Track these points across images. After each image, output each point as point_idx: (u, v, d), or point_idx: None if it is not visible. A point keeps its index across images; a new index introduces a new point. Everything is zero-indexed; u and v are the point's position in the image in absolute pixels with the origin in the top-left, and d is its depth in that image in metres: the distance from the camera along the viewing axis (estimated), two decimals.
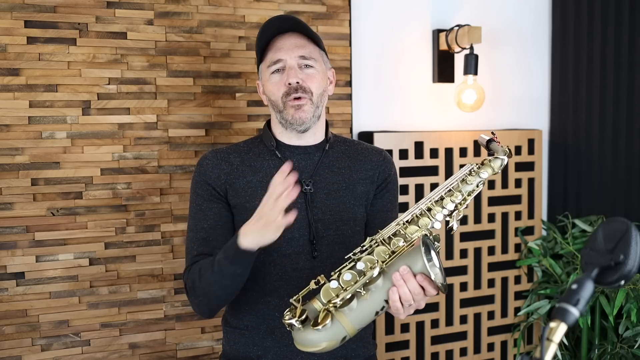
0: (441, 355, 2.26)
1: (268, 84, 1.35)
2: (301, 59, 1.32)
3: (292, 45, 1.32)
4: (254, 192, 1.33)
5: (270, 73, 1.34)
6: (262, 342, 1.34)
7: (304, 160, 1.37)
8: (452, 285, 2.25)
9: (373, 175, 1.42)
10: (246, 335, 1.36)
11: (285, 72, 1.32)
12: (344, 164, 1.41)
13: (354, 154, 1.43)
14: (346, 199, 1.38)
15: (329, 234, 1.35)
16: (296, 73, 1.31)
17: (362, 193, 1.40)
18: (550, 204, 2.45)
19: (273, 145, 1.37)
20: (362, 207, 1.40)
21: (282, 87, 1.32)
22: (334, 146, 1.42)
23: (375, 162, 1.44)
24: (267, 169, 1.36)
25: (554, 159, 2.44)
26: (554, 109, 2.43)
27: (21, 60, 1.72)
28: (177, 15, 1.87)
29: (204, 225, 1.34)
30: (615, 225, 0.84)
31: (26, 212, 1.75)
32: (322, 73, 1.37)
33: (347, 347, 1.36)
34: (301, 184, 1.33)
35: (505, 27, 2.35)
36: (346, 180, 1.39)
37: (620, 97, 2.40)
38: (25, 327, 1.76)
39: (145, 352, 1.88)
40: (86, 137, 1.79)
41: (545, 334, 0.76)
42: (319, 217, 1.34)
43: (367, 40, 2.16)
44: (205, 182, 1.35)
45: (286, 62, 1.32)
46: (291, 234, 1.31)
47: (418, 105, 2.24)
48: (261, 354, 1.34)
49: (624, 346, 2.11)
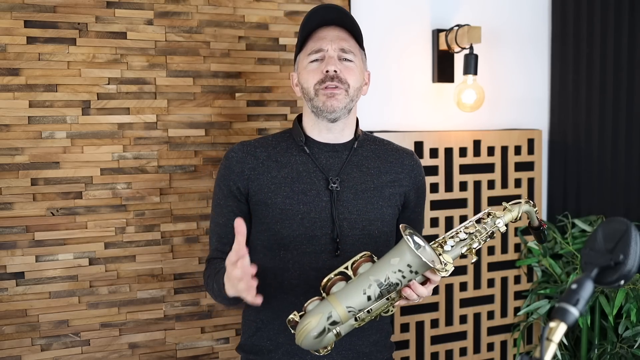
0: (441, 355, 2.26)
1: (304, 72, 1.33)
2: (342, 51, 1.31)
3: (334, 37, 1.31)
4: (277, 189, 1.32)
5: (309, 62, 1.32)
6: (276, 338, 1.35)
7: (332, 158, 1.36)
8: (452, 285, 2.25)
9: (403, 179, 1.41)
10: (262, 328, 1.38)
11: (324, 62, 1.30)
12: (373, 164, 1.39)
13: (384, 155, 1.42)
14: (374, 200, 1.36)
15: (354, 233, 1.33)
16: (335, 62, 1.30)
17: (391, 195, 1.38)
18: (550, 203, 2.45)
19: (302, 140, 1.35)
20: (390, 208, 1.38)
21: (318, 74, 1.30)
22: (364, 145, 1.41)
23: (407, 165, 1.43)
24: (294, 164, 1.35)
25: (553, 159, 2.44)
26: (553, 108, 2.43)
27: (21, 60, 1.72)
28: (177, 15, 1.87)
29: (219, 221, 1.38)
30: (615, 225, 0.84)
31: (26, 212, 1.75)
32: (360, 69, 1.36)
33: (358, 351, 1.35)
34: (327, 182, 1.33)
35: (505, 27, 2.35)
36: (375, 182, 1.37)
37: (620, 97, 2.40)
38: (25, 327, 1.76)
39: (145, 352, 1.88)
40: (86, 137, 1.79)
41: (545, 334, 0.76)
42: (345, 215, 1.32)
43: (367, 40, 2.13)
44: (229, 177, 1.36)
45: (327, 52, 1.31)
46: (312, 232, 1.31)
47: (418, 105, 2.25)
48: (273, 349, 1.35)
49: (624, 346, 2.11)
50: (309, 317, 1.10)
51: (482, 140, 2.26)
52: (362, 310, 1.12)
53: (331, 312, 1.09)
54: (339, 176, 1.34)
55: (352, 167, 1.37)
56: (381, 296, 1.11)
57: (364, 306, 1.11)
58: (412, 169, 1.43)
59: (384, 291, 1.11)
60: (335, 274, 1.15)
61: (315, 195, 1.32)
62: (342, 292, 1.11)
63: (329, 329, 1.10)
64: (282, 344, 1.35)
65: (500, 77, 2.36)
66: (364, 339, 1.37)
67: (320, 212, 1.31)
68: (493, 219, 1.25)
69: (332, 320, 1.09)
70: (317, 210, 1.31)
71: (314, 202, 1.32)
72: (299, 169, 1.34)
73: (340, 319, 1.10)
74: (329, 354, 1.31)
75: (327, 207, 1.31)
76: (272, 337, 1.36)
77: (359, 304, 1.10)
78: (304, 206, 1.31)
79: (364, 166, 1.38)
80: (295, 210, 1.31)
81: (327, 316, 1.09)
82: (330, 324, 1.10)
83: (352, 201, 1.34)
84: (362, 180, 1.36)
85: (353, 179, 1.35)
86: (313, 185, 1.33)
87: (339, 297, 1.10)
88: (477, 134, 2.25)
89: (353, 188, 1.35)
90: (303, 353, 1.33)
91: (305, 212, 1.31)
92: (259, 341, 1.38)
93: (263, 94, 1.97)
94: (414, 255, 1.09)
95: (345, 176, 1.35)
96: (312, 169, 1.34)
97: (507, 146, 2.30)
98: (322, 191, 1.32)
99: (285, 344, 1.35)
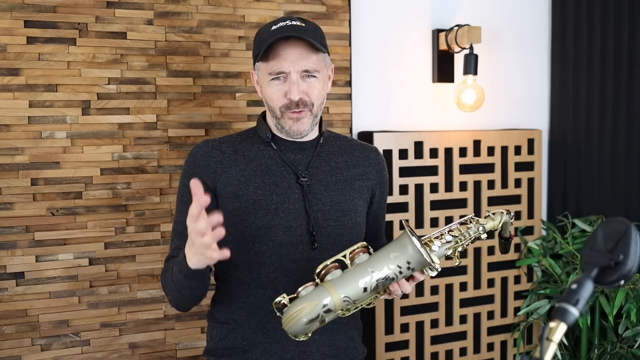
0: (441, 355, 2.26)
1: (266, 87, 1.32)
2: (305, 72, 1.28)
3: (296, 57, 1.27)
4: (247, 181, 1.31)
5: (271, 79, 1.30)
6: (252, 337, 1.31)
7: (299, 154, 1.36)
8: (452, 285, 2.25)
9: (370, 173, 1.42)
10: (235, 330, 1.33)
11: (287, 83, 1.28)
12: (341, 158, 1.40)
13: (350, 150, 1.43)
14: (345, 191, 1.37)
15: (329, 224, 1.32)
16: (299, 87, 1.27)
17: (360, 188, 1.40)
18: (550, 203, 2.45)
19: (269, 136, 1.35)
20: (361, 200, 1.39)
21: (282, 98, 1.29)
22: (329, 141, 1.42)
23: (373, 159, 1.45)
24: (262, 158, 1.34)
25: (553, 158, 2.44)
26: (553, 108, 2.43)
27: (21, 60, 1.72)
28: (177, 15, 1.87)
29: (182, 219, 1.28)
30: (615, 225, 0.84)
31: (26, 212, 1.75)
32: (324, 81, 1.34)
33: (337, 347, 1.34)
34: (297, 176, 1.32)
35: (505, 27, 2.35)
36: (344, 174, 1.38)
37: (619, 97, 2.40)
38: (25, 327, 1.76)
39: (145, 352, 1.88)
40: (86, 137, 1.79)
41: (545, 334, 0.76)
42: (318, 207, 1.32)
43: (367, 40, 2.16)
44: (194, 172, 1.31)
45: (290, 75, 1.27)
46: (287, 223, 1.29)
47: (418, 105, 2.25)
48: (249, 349, 1.31)
49: (624, 346, 2.11)
50: (303, 303, 1.07)
51: (482, 140, 2.26)
52: (356, 301, 1.10)
53: (327, 300, 1.07)
54: (307, 170, 1.34)
55: (320, 162, 1.37)
56: (376, 289, 1.10)
57: (359, 297, 1.09)
58: (377, 164, 1.45)
59: (379, 284, 1.10)
60: (332, 262, 1.13)
61: (287, 187, 1.31)
62: (339, 280, 1.09)
63: (322, 316, 1.07)
64: (259, 343, 1.30)
65: (500, 77, 2.36)
66: (342, 334, 1.36)
67: (294, 203, 1.30)
68: (476, 225, 1.26)
69: (327, 308, 1.07)
70: (290, 201, 1.30)
71: (286, 193, 1.31)
72: (268, 163, 1.33)
73: (335, 307, 1.08)
74: (309, 350, 1.31)
75: (300, 199, 1.31)
76: (248, 337, 1.31)
77: (354, 294, 1.08)
78: (277, 197, 1.30)
79: (332, 160, 1.39)
80: (269, 201, 1.29)
81: (323, 303, 1.06)
82: (324, 311, 1.07)
83: (324, 193, 1.34)
84: (331, 174, 1.37)
85: (322, 173, 1.36)
86: (284, 178, 1.32)
87: (335, 284, 1.08)
88: (477, 134, 2.25)
89: (323, 181, 1.35)
90: (284, 351, 1.30)
91: (279, 203, 1.29)
92: (232, 343, 1.33)
93: None
94: (416, 252, 1.08)
95: (314, 170, 1.35)
96: (280, 164, 1.33)
97: (507, 146, 2.30)
98: (293, 184, 1.32)
99: (264, 342, 1.30)
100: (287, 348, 1.29)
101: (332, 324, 1.31)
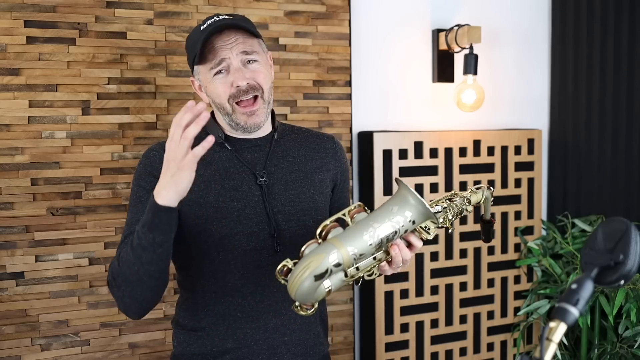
0: (441, 355, 2.26)
1: (211, 86, 1.26)
2: (244, 54, 1.25)
3: (232, 43, 1.24)
4: (207, 187, 1.27)
5: (213, 75, 1.25)
6: (223, 344, 1.28)
7: (255, 152, 1.32)
8: (452, 285, 2.25)
9: (329, 164, 1.39)
10: (203, 336, 1.29)
11: (230, 73, 1.24)
12: (298, 152, 1.37)
13: (306, 142, 1.39)
14: (305, 189, 1.33)
15: (290, 225, 1.29)
16: (243, 73, 1.23)
17: (320, 181, 1.37)
18: (550, 203, 2.45)
19: (222, 137, 1.30)
20: (322, 196, 1.36)
21: (228, 88, 1.24)
22: (284, 135, 1.38)
23: (330, 149, 1.41)
24: (219, 161, 1.30)
25: (553, 158, 2.44)
26: (553, 108, 2.43)
27: (21, 60, 1.72)
28: (177, 15, 1.87)
29: (138, 217, 1.22)
30: (615, 225, 0.84)
31: (26, 211, 1.74)
32: (266, 64, 1.29)
33: (305, 346, 1.33)
34: (255, 177, 1.29)
35: (504, 27, 2.35)
36: (302, 170, 1.35)
37: (620, 97, 2.40)
38: (25, 327, 1.76)
39: (145, 352, 1.88)
40: (86, 137, 1.79)
41: (544, 334, 0.76)
42: (278, 209, 1.29)
43: (367, 40, 2.16)
44: (151, 173, 1.25)
45: (230, 61, 1.23)
46: (250, 229, 1.26)
47: (418, 105, 2.25)
48: (218, 355, 1.28)
49: (624, 346, 2.11)
50: (309, 258, 1.03)
51: (482, 140, 2.26)
52: (362, 255, 1.07)
53: (334, 252, 1.04)
54: (265, 169, 1.31)
55: (278, 159, 1.33)
56: (380, 245, 1.09)
57: (364, 250, 1.07)
58: (335, 152, 1.41)
59: (383, 239, 1.09)
60: (332, 221, 1.10)
61: (247, 191, 1.28)
62: (344, 234, 1.07)
63: (331, 270, 1.04)
64: (230, 349, 1.27)
65: (500, 77, 2.36)
66: (309, 333, 1.34)
67: (255, 207, 1.27)
68: (462, 199, 1.26)
69: (336, 262, 1.04)
70: (251, 206, 1.27)
71: (246, 197, 1.27)
72: (225, 165, 1.29)
73: (343, 260, 1.05)
74: (279, 352, 1.28)
75: (260, 202, 1.28)
76: (217, 344, 1.28)
77: (360, 248, 1.06)
78: (238, 203, 1.27)
79: (289, 156, 1.35)
80: (230, 208, 1.25)
81: (331, 256, 1.03)
82: (334, 265, 1.04)
83: (283, 193, 1.30)
84: (290, 170, 1.33)
85: (281, 170, 1.32)
86: (243, 180, 1.29)
87: (340, 239, 1.06)
88: (477, 134, 2.25)
89: (282, 179, 1.32)
90: (253, 355, 1.27)
91: (240, 209, 1.26)
92: (199, 349, 1.29)
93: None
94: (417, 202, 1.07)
95: (272, 168, 1.32)
96: (238, 165, 1.30)
97: (507, 146, 2.30)
98: (252, 186, 1.28)
99: (234, 348, 1.27)
100: (258, 352, 1.27)
101: (301, 324, 1.31)
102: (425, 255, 2.20)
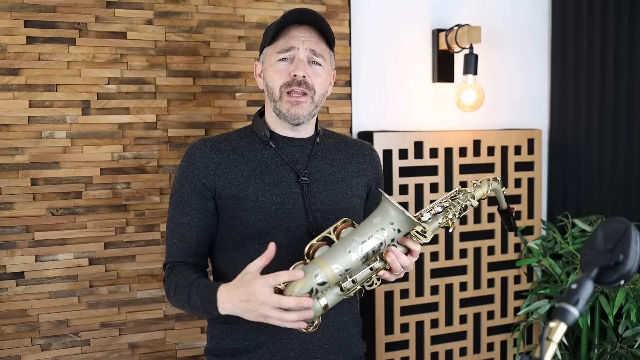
0: (441, 355, 2.26)
1: (271, 69, 1.32)
2: (312, 53, 1.30)
3: (306, 37, 1.30)
4: (247, 181, 1.30)
5: (277, 60, 1.31)
6: (255, 337, 1.30)
7: (297, 152, 1.36)
8: (452, 285, 2.25)
9: (365, 169, 1.43)
10: (237, 329, 1.32)
11: (293, 63, 1.29)
12: (337, 156, 1.41)
13: (345, 147, 1.44)
14: (343, 190, 1.37)
15: (327, 224, 1.31)
16: (304, 67, 1.29)
17: (357, 185, 1.41)
18: (550, 203, 2.45)
19: (267, 135, 1.35)
20: (358, 198, 1.40)
21: (285, 76, 1.29)
22: (324, 139, 1.42)
23: (368, 156, 1.46)
24: (261, 158, 1.33)
25: (553, 158, 2.44)
26: (553, 108, 2.43)
27: (21, 60, 1.72)
28: (177, 15, 1.87)
29: (182, 220, 1.31)
30: (615, 225, 0.84)
31: (26, 211, 1.74)
32: (328, 74, 1.35)
33: (338, 344, 1.35)
34: (297, 175, 1.33)
35: (504, 27, 2.35)
36: (341, 172, 1.39)
37: (620, 97, 2.40)
38: (25, 327, 1.76)
39: (145, 352, 1.88)
40: (86, 137, 1.79)
41: (545, 334, 0.76)
42: (317, 207, 1.32)
43: (367, 40, 2.16)
44: (193, 173, 1.30)
45: (297, 52, 1.29)
46: (287, 224, 1.29)
47: (418, 105, 2.24)
48: (252, 349, 1.31)
49: (624, 346, 2.11)
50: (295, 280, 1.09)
51: (482, 140, 2.26)
52: (349, 270, 1.11)
53: (318, 272, 1.08)
54: (307, 169, 1.34)
55: (318, 160, 1.37)
56: (367, 257, 1.11)
57: (351, 266, 1.10)
58: (372, 159, 1.46)
59: (369, 252, 1.11)
60: (318, 240, 1.15)
61: (286, 187, 1.31)
62: (327, 253, 1.11)
63: (317, 289, 1.09)
64: (262, 343, 1.30)
65: (500, 77, 2.36)
66: (342, 332, 1.36)
67: (294, 203, 1.30)
68: (465, 195, 1.28)
69: (320, 280, 1.08)
70: (290, 201, 1.30)
71: (286, 193, 1.30)
72: (267, 162, 1.33)
73: (328, 278, 1.09)
74: (312, 349, 1.30)
75: (299, 199, 1.31)
76: (251, 337, 1.31)
77: (346, 264, 1.10)
78: (277, 197, 1.30)
79: (328, 158, 1.39)
80: (269, 202, 1.29)
81: (315, 274, 1.08)
82: (319, 284, 1.08)
83: (322, 192, 1.34)
84: (329, 172, 1.37)
85: (320, 171, 1.36)
86: (283, 177, 1.32)
87: (324, 257, 1.10)
88: (477, 134, 2.25)
89: (322, 180, 1.35)
90: (286, 350, 1.29)
91: (279, 204, 1.29)
92: (233, 343, 1.32)
93: (263, 94, 1.96)
94: (397, 210, 1.10)
95: (312, 169, 1.35)
96: (279, 163, 1.33)
97: (507, 146, 2.30)
98: (292, 183, 1.32)
99: (267, 342, 1.30)
100: (290, 347, 1.29)
101: (333, 322, 1.33)
102: (425, 255, 2.20)
